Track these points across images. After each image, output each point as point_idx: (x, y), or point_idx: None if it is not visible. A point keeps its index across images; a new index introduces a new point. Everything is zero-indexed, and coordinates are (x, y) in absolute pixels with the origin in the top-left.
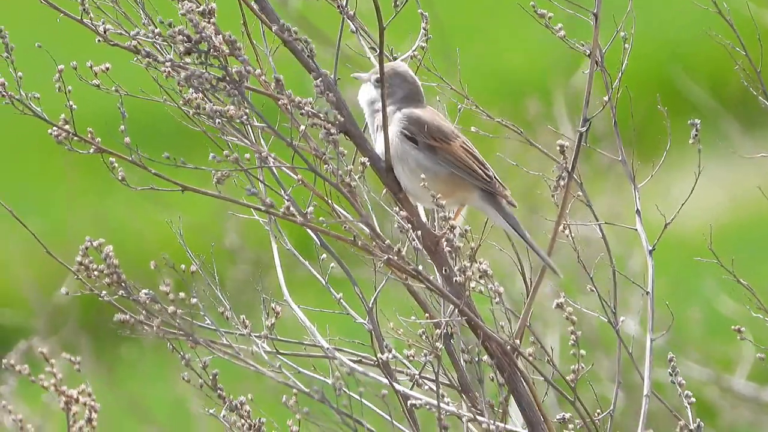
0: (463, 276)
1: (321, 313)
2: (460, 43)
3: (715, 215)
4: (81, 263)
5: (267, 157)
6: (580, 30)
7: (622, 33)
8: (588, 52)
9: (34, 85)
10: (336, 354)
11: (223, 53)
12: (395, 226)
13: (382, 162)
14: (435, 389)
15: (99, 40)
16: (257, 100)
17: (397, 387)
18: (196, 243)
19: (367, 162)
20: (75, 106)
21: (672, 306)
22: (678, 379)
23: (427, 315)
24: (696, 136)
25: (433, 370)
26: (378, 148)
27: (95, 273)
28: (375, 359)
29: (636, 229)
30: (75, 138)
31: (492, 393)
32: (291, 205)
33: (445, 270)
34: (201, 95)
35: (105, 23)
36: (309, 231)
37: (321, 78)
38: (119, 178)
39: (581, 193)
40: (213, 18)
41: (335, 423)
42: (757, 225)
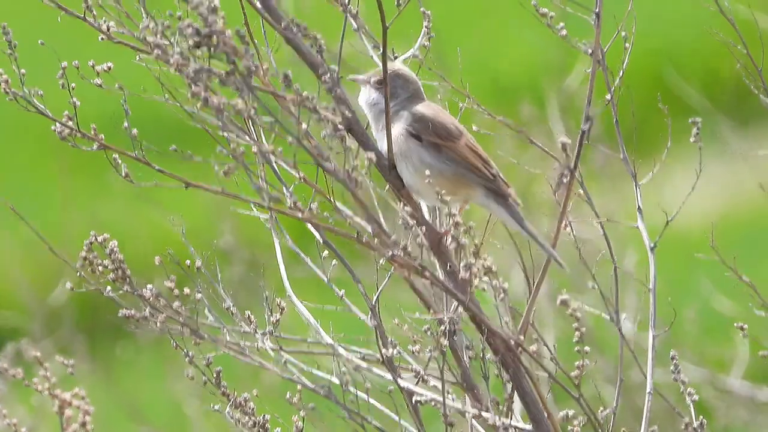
0: (468, 272)
1: (323, 312)
2: (453, 44)
3: (710, 213)
4: (86, 258)
5: (271, 153)
6: (575, 29)
7: (623, 33)
8: (589, 51)
9: (37, 83)
10: (340, 350)
11: (232, 47)
12: (399, 222)
13: (384, 159)
14: (440, 386)
15: (102, 37)
16: (263, 96)
17: (402, 383)
18: (192, 245)
19: (374, 157)
20: (78, 102)
21: (671, 304)
22: (680, 377)
23: (431, 311)
24: (697, 134)
25: (438, 366)
26: (381, 146)
27: (99, 268)
28: (379, 356)
29: (637, 227)
30: (78, 134)
31: (496, 389)
32: (296, 200)
33: (449, 266)
34: (207, 90)
35: (107, 21)
36: (311, 227)
37: (329, 74)
38: (123, 174)
39: (582, 192)
40: (221, 13)
41: (341, 419)
42: (753, 223)
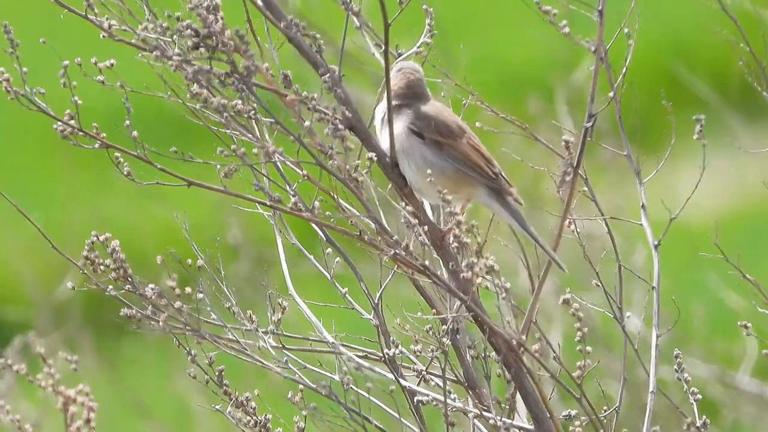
0: (471, 272)
1: (326, 311)
2: (458, 40)
3: (717, 209)
4: (87, 257)
5: (273, 153)
6: (580, 26)
7: (625, 30)
8: (592, 48)
9: (38, 81)
10: (342, 349)
11: (231, 48)
12: (402, 220)
13: (387, 158)
14: (442, 385)
15: (103, 35)
16: (263, 95)
17: (404, 383)
18: (196, 241)
19: (375, 157)
20: (80, 101)
21: (675, 302)
22: (684, 376)
23: (434, 311)
24: (701, 131)
25: (440, 365)
26: (383, 144)
27: (101, 267)
28: (381, 355)
29: (641, 224)
30: (80, 133)
31: (499, 389)
32: (298, 201)
33: (452, 265)
34: (207, 90)
35: (109, 19)
36: (314, 226)
37: (329, 74)
38: (124, 173)
39: (586, 189)
40: (219, 13)
41: (342, 419)
42: (760, 219)
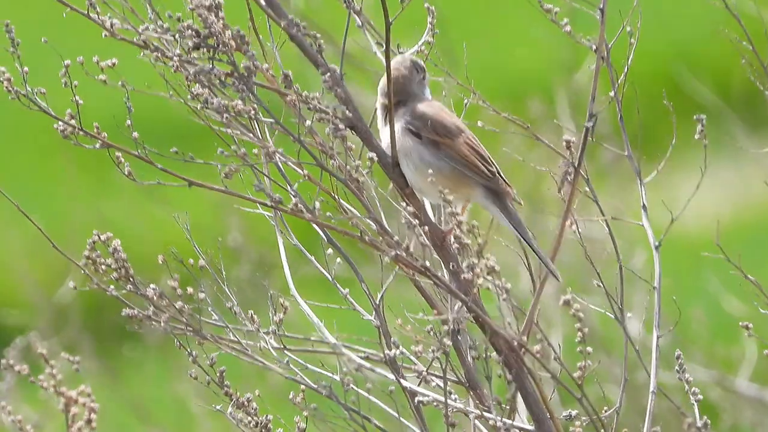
0: (471, 272)
1: (327, 311)
2: (461, 40)
3: (719, 215)
4: (89, 257)
5: (274, 153)
6: (582, 26)
7: (627, 28)
8: (594, 47)
9: (40, 81)
10: (343, 350)
11: (231, 48)
12: (402, 221)
13: (388, 157)
14: (442, 386)
15: (106, 35)
16: (264, 95)
17: (405, 383)
18: (197, 242)
19: (375, 157)
20: (81, 101)
21: (676, 302)
22: (685, 376)
23: (435, 311)
24: (702, 130)
25: (441, 366)
26: (384, 143)
27: (103, 267)
28: (382, 356)
29: (642, 225)
30: (81, 133)
31: (499, 389)
32: (299, 201)
33: (453, 266)
34: (208, 90)
35: (111, 18)
36: (316, 227)
37: (329, 73)
38: (125, 173)
39: (587, 189)
40: (221, 13)
41: (343, 420)
42: (762, 228)
